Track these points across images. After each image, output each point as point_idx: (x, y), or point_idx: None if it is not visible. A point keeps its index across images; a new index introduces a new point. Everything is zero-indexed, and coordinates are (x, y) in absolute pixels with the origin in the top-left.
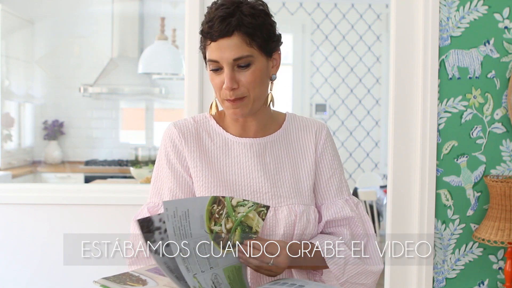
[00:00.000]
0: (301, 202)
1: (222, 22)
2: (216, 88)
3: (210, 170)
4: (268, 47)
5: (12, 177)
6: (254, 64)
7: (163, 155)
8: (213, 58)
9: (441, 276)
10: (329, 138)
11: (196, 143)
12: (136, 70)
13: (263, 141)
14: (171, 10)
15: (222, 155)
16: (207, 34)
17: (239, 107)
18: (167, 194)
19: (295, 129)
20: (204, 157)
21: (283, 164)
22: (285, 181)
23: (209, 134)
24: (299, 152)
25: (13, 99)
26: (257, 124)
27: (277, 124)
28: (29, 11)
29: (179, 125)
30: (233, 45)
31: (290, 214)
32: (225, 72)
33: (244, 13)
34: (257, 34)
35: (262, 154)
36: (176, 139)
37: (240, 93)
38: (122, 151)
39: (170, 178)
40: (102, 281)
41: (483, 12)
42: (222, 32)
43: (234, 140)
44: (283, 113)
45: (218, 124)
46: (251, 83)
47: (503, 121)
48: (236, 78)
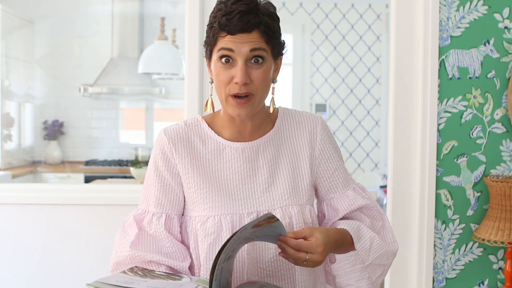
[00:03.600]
0: (295, 202)
1: (243, 17)
2: (222, 83)
3: (202, 175)
4: (278, 50)
5: (12, 177)
6: (266, 63)
7: (152, 162)
8: (228, 46)
9: (441, 276)
10: (325, 131)
11: (187, 149)
12: (136, 70)
13: (256, 144)
14: (171, 10)
15: (214, 160)
16: (224, 27)
17: (244, 107)
18: (153, 202)
19: (288, 126)
20: (196, 162)
21: (277, 164)
22: (280, 182)
23: (201, 138)
24: (294, 150)
25: (13, 99)
26: (252, 126)
27: (270, 122)
28: (29, 11)
29: (169, 132)
30: (252, 38)
31: (284, 217)
32: (239, 65)
33: (262, 12)
34: (272, 35)
35: (255, 158)
36: (166, 147)
37: (251, 89)
38: (122, 151)
39: (157, 186)
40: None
41: (483, 12)
42: (243, 27)
43: (226, 144)
44: (275, 108)
45: (210, 128)
46: (261, 82)
47: (503, 121)
48: (248, 73)
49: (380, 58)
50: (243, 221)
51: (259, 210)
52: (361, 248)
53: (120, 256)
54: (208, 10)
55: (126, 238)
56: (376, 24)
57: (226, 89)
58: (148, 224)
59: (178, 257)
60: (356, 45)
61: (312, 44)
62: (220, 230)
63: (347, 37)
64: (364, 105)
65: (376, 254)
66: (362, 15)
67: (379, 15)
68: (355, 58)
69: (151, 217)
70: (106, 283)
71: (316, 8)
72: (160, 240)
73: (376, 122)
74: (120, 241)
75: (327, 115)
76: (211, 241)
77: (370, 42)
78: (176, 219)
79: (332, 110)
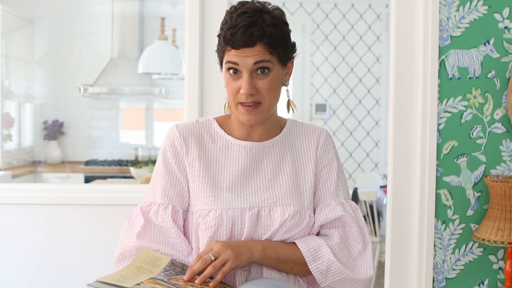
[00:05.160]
0: (297, 203)
1: (246, 31)
2: (231, 92)
3: (208, 170)
4: (285, 56)
5: (12, 177)
6: (272, 72)
7: (161, 155)
8: (233, 60)
9: (441, 276)
10: (328, 141)
11: (196, 144)
12: (136, 70)
13: (263, 145)
14: (171, 10)
15: (221, 156)
16: (229, 42)
17: (253, 114)
18: (160, 192)
19: (295, 134)
20: (204, 157)
21: (281, 167)
22: (282, 184)
23: (211, 136)
24: (300, 156)
25: (13, 99)
26: (263, 129)
27: (279, 128)
28: (29, 11)
29: (181, 127)
30: (255, 52)
31: (284, 213)
32: (244, 77)
33: (266, 23)
34: (277, 45)
35: (260, 158)
36: (176, 140)
37: (257, 98)
38: (122, 151)
39: (165, 177)
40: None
41: (483, 12)
42: (245, 42)
43: (234, 142)
44: (284, 118)
45: (220, 127)
46: (268, 91)
47: (503, 121)
48: (254, 84)
49: (380, 58)
50: (244, 216)
51: (260, 206)
52: (316, 269)
53: (125, 246)
54: (208, 10)
55: (133, 229)
56: (376, 24)
57: (235, 98)
58: (155, 215)
59: (183, 251)
60: (356, 45)
61: (312, 44)
62: (220, 224)
63: (347, 37)
64: (364, 105)
65: (334, 278)
66: (362, 15)
67: (379, 15)
68: (355, 58)
69: (158, 208)
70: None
71: (316, 8)
72: (167, 230)
73: (376, 122)
74: (126, 232)
75: (327, 115)
76: (211, 234)
77: (370, 42)
78: (181, 212)
79: (332, 110)
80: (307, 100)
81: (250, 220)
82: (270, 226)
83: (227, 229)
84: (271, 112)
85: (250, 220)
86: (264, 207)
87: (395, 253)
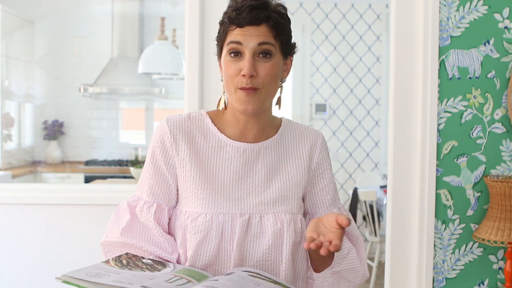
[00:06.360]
0: (287, 210)
1: (252, 11)
2: (230, 76)
3: (199, 170)
4: (287, 48)
5: (12, 177)
6: (274, 58)
7: (150, 150)
8: (236, 39)
9: (441, 276)
10: (324, 147)
11: (187, 142)
12: (136, 70)
13: (257, 147)
14: (171, 10)
15: (213, 155)
16: (234, 20)
17: (251, 100)
18: (146, 190)
19: (290, 135)
20: (195, 156)
21: (275, 171)
22: (275, 188)
23: (203, 133)
24: (293, 159)
25: (13, 99)
26: (257, 127)
27: (274, 128)
28: (29, 11)
29: (171, 122)
30: (260, 32)
31: (276, 223)
32: (246, 57)
33: (272, 9)
34: (282, 32)
35: (254, 161)
36: (166, 137)
37: (257, 83)
38: (122, 151)
39: (152, 175)
40: (64, 277)
41: (483, 12)
42: (251, 20)
43: (227, 142)
44: (279, 117)
45: (213, 124)
46: (268, 76)
47: (503, 121)
48: (255, 66)
49: (380, 58)
50: (234, 222)
51: (251, 212)
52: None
53: (110, 239)
54: (208, 10)
55: (118, 224)
56: (376, 24)
57: (234, 82)
58: (140, 212)
59: (167, 248)
60: (356, 45)
61: (312, 44)
62: (209, 229)
63: (347, 37)
64: (364, 105)
65: (348, 265)
66: (362, 15)
67: (379, 15)
68: (355, 58)
69: (143, 205)
70: (73, 277)
71: (316, 8)
72: (150, 229)
73: (376, 122)
74: (112, 225)
75: (327, 115)
76: (200, 238)
77: (370, 42)
78: (166, 210)
79: (332, 110)
80: (307, 100)
81: (241, 227)
82: (260, 234)
83: (216, 234)
84: (266, 104)
85: (241, 227)
86: (255, 213)
87: (395, 253)
